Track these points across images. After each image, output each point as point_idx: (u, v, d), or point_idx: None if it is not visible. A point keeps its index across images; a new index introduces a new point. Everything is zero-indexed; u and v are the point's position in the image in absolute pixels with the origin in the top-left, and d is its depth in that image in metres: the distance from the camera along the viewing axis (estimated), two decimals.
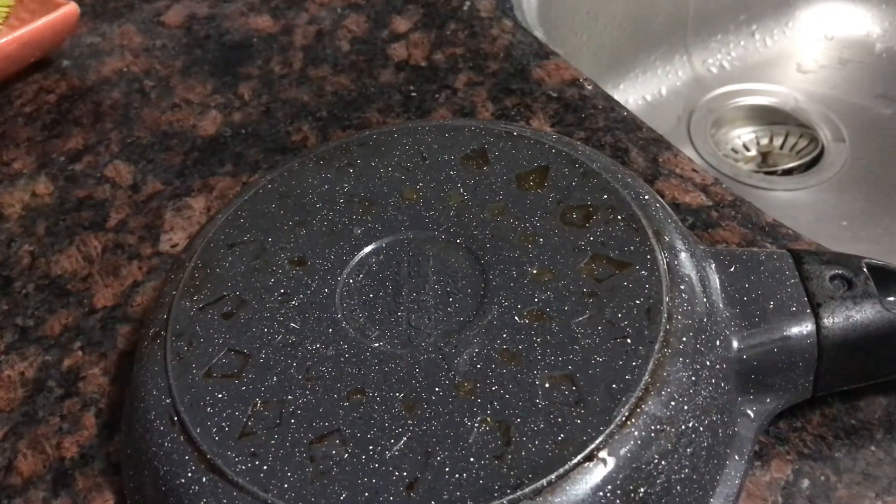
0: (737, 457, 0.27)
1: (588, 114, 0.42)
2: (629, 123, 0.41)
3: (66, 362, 0.34)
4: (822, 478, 0.29)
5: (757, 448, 0.29)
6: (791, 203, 0.64)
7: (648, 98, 0.70)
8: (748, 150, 0.69)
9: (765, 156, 0.69)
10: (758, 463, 0.29)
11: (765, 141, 0.69)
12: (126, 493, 0.29)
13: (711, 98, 0.71)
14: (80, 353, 0.34)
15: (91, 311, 0.36)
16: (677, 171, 0.39)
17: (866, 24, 0.72)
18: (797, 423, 0.30)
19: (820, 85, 0.71)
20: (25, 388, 0.33)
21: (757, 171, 0.66)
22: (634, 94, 0.69)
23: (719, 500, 0.26)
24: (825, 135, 0.68)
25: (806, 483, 0.29)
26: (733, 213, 0.37)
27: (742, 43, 0.72)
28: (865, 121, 0.68)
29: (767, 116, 0.70)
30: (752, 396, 0.28)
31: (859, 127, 0.67)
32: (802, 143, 0.69)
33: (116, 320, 0.35)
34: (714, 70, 0.71)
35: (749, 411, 0.28)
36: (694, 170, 0.39)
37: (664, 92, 0.71)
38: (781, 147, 0.69)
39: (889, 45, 0.71)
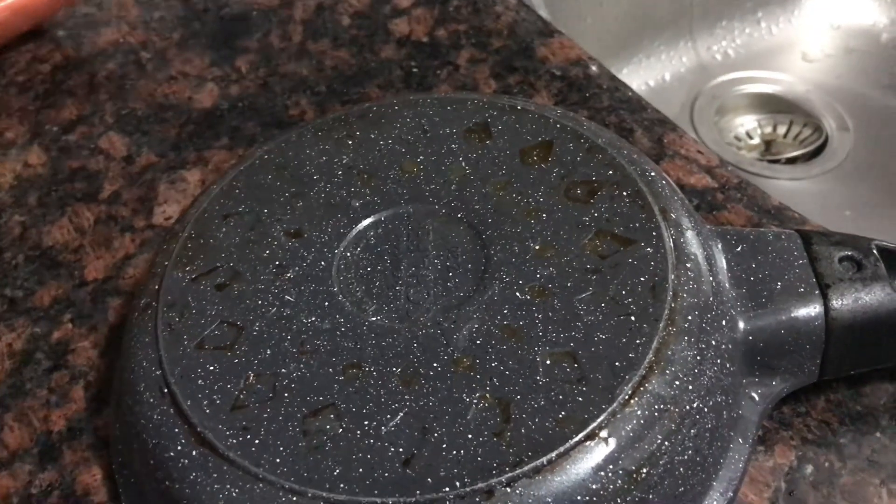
0: (740, 440, 0.27)
1: (592, 93, 0.41)
2: (634, 104, 0.41)
3: (56, 334, 0.33)
4: (827, 464, 0.28)
5: (760, 433, 0.28)
6: (794, 192, 0.63)
7: (652, 84, 0.69)
8: (751, 138, 0.68)
9: (768, 144, 0.68)
10: (761, 448, 0.28)
11: (768, 129, 0.69)
12: (114, 467, 0.28)
13: (715, 85, 0.70)
14: (69, 325, 0.34)
15: (82, 283, 0.35)
16: (682, 152, 0.38)
17: (873, 14, 0.71)
18: (801, 407, 0.30)
19: (825, 74, 0.70)
20: (13, 360, 0.33)
21: (760, 160, 0.65)
22: (638, 79, 0.68)
23: (722, 483, 0.26)
24: (829, 124, 0.67)
25: (810, 469, 0.28)
26: (739, 195, 0.36)
27: (747, 30, 0.71)
28: (870, 111, 0.67)
29: (771, 104, 0.69)
30: (758, 379, 0.27)
31: (864, 117, 0.67)
32: (806, 132, 0.68)
33: (107, 293, 0.34)
34: (718, 57, 0.71)
35: (754, 394, 0.27)
36: (699, 151, 0.39)
37: (668, 77, 0.70)
38: (785, 136, 0.68)
39: (895, 36, 0.70)
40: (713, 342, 0.25)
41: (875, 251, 0.28)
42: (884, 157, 0.64)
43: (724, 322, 0.26)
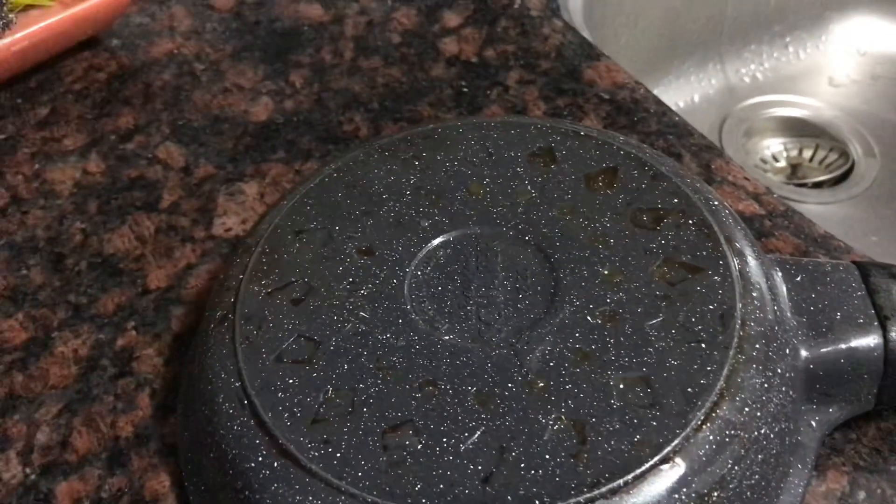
0: (800, 466, 0.27)
1: (640, 117, 0.42)
2: (681, 129, 0.41)
3: (120, 341, 0.34)
4: (879, 490, 0.29)
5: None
6: (821, 217, 0.64)
7: (681, 105, 0.70)
8: (777, 161, 0.69)
9: (794, 168, 0.69)
10: (814, 473, 0.29)
11: (794, 153, 0.70)
12: (185, 475, 0.29)
13: (743, 107, 0.71)
14: (133, 332, 0.34)
15: (144, 291, 0.36)
16: (730, 178, 0.39)
17: None
18: (852, 434, 0.30)
19: (851, 99, 0.71)
20: (79, 366, 0.33)
21: (787, 183, 0.66)
22: (668, 99, 0.69)
23: None
24: (856, 149, 0.68)
25: (862, 495, 0.29)
26: (786, 223, 0.37)
27: (775, 54, 0.72)
28: None
29: (798, 128, 0.70)
30: (816, 406, 0.28)
31: (890, 143, 0.67)
32: (832, 156, 0.69)
33: (170, 302, 0.35)
34: (747, 80, 0.72)
35: (812, 421, 0.28)
36: (746, 178, 0.39)
37: (697, 99, 0.71)
38: (811, 160, 0.69)
39: None
40: (779, 370, 0.26)
41: None
42: None
43: (787, 350, 0.27)
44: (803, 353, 0.28)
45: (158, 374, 0.33)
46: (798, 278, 0.29)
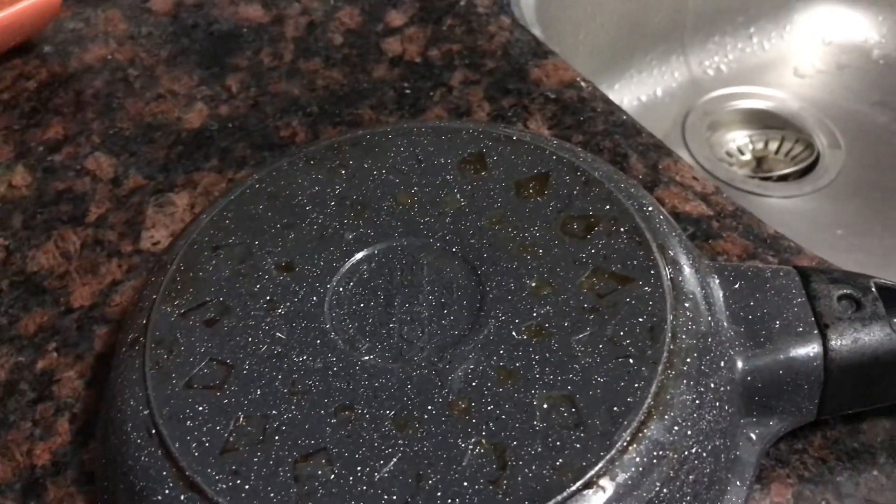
0: (738, 482, 0.26)
1: (587, 117, 0.41)
2: (629, 128, 0.40)
3: (40, 364, 0.33)
4: (823, 502, 0.28)
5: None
6: (786, 210, 0.63)
7: (644, 99, 0.69)
8: (742, 154, 0.68)
9: (759, 161, 0.68)
10: (757, 486, 0.28)
11: (760, 145, 0.69)
12: None
13: (707, 100, 0.70)
14: (54, 354, 0.33)
15: (68, 310, 0.34)
16: (677, 178, 0.38)
17: (864, 31, 0.71)
18: (798, 444, 0.29)
19: (817, 90, 0.70)
20: None
21: (752, 177, 0.65)
22: (630, 94, 0.68)
23: None
24: (821, 141, 0.67)
25: None
26: (734, 223, 0.36)
27: (739, 45, 0.71)
28: (862, 128, 0.67)
29: (763, 120, 0.69)
30: (755, 419, 0.27)
31: (855, 134, 0.67)
32: (798, 148, 0.68)
33: (94, 321, 0.34)
34: (711, 72, 0.71)
35: (752, 434, 0.27)
36: (694, 178, 0.38)
37: (660, 93, 0.70)
38: (776, 152, 0.68)
39: (887, 52, 0.70)
40: (712, 384, 0.25)
41: (874, 289, 0.28)
42: (875, 175, 0.64)
43: (722, 363, 0.26)
44: (740, 364, 0.27)
45: (79, 397, 0.32)
46: (736, 285, 0.28)
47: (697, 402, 0.24)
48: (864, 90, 0.69)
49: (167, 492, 0.24)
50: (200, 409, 0.25)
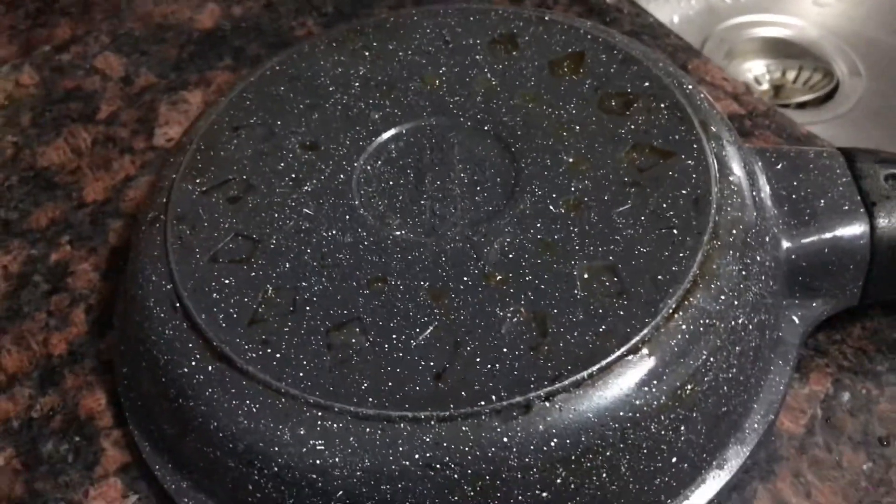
0: (781, 363, 0.25)
1: (613, 17, 0.39)
2: (656, 29, 0.39)
3: (54, 256, 0.32)
4: (864, 391, 0.27)
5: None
6: None
7: None
8: (760, 84, 0.67)
9: (777, 90, 0.66)
10: (795, 375, 0.27)
11: (777, 74, 0.67)
12: (120, 390, 0.27)
13: (725, 28, 0.68)
14: (68, 247, 0.32)
15: (80, 204, 0.33)
16: (707, 78, 0.37)
17: None
18: (836, 335, 0.28)
19: (836, 18, 0.68)
20: (9, 283, 0.31)
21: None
22: None
23: (763, 406, 0.25)
24: (841, 69, 0.65)
25: (846, 396, 0.27)
26: (767, 122, 0.35)
27: None
28: (883, 55, 0.65)
29: (781, 49, 0.67)
30: (798, 301, 0.26)
31: (876, 61, 0.65)
32: (816, 77, 0.66)
33: (108, 215, 0.33)
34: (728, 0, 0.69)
35: (794, 316, 0.26)
36: (725, 78, 0.37)
37: (676, 20, 0.68)
38: (794, 81, 0.67)
39: None
40: (758, 257, 0.24)
41: None
42: None
43: (767, 239, 0.25)
44: (785, 243, 0.26)
45: (95, 289, 0.31)
46: (779, 166, 0.27)
47: (744, 272, 0.23)
48: (885, 18, 0.67)
49: (194, 364, 0.23)
50: (226, 282, 0.24)
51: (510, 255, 0.24)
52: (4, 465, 0.26)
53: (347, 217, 0.25)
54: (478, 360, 0.22)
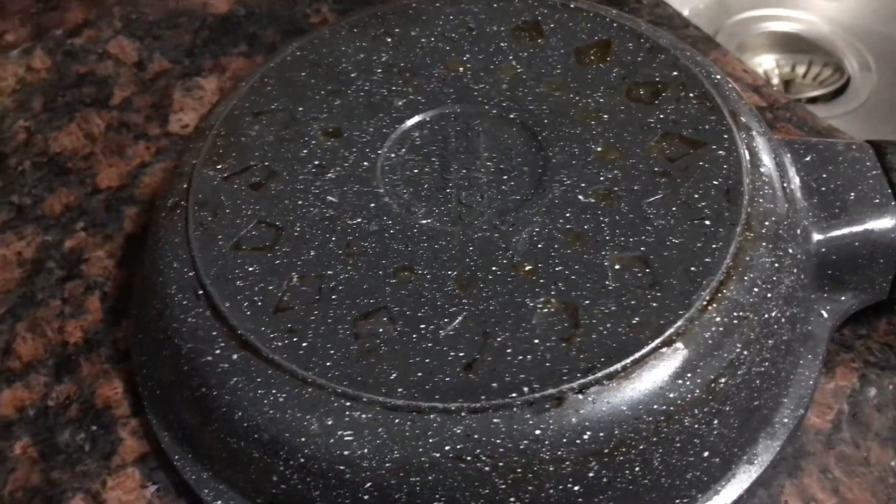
0: (810, 356, 0.25)
1: (632, 8, 0.39)
2: (675, 20, 0.39)
3: (68, 243, 0.31)
4: (891, 387, 0.27)
5: None
6: None
7: None
8: (769, 78, 0.66)
9: (787, 84, 0.66)
10: (822, 369, 0.27)
11: (787, 69, 0.67)
12: (138, 379, 0.27)
13: (735, 22, 0.67)
14: (82, 233, 0.31)
15: (94, 190, 0.33)
16: (728, 70, 0.37)
17: None
18: (862, 330, 0.28)
19: (847, 13, 0.68)
20: (23, 269, 0.30)
21: None
22: None
23: (793, 400, 0.24)
24: (851, 64, 0.65)
25: (873, 392, 0.27)
26: (788, 114, 0.35)
27: None
28: (893, 50, 0.65)
29: (791, 44, 0.67)
30: (827, 295, 0.26)
31: (888, 57, 0.65)
32: (826, 72, 0.66)
33: (122, 201, 0.32)
34: None
35: (823, 310, 0.26)
36: (744, 70, 0.37)
37: (686, 13, 0.67)
38: (804, 76, 0.66)
39: None
40: (790, 250, 0.24)
41: None
42: None
43: (798, 231, 0.25)
44: (815, 236, 0.25)
45: (110, 276, 0.30)
46: (808, 158, 0.27)
47: (777, 265, 0.23)
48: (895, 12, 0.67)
49: (218, 352, 0.23)
50: (250, 269, 0.24)
51: (539, 245, 0.24)
52: (21, 455, 0.26)
53: (372, 205, 0.25)
54: (508, 350, 0.21)
